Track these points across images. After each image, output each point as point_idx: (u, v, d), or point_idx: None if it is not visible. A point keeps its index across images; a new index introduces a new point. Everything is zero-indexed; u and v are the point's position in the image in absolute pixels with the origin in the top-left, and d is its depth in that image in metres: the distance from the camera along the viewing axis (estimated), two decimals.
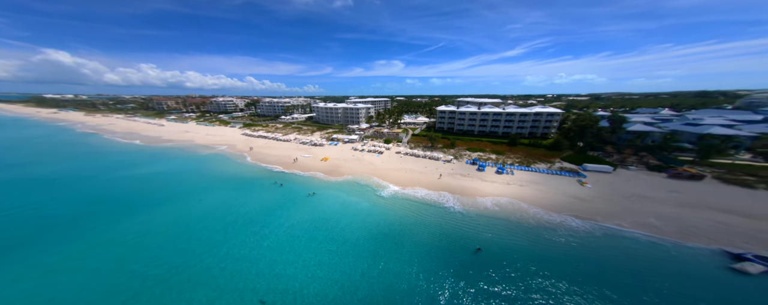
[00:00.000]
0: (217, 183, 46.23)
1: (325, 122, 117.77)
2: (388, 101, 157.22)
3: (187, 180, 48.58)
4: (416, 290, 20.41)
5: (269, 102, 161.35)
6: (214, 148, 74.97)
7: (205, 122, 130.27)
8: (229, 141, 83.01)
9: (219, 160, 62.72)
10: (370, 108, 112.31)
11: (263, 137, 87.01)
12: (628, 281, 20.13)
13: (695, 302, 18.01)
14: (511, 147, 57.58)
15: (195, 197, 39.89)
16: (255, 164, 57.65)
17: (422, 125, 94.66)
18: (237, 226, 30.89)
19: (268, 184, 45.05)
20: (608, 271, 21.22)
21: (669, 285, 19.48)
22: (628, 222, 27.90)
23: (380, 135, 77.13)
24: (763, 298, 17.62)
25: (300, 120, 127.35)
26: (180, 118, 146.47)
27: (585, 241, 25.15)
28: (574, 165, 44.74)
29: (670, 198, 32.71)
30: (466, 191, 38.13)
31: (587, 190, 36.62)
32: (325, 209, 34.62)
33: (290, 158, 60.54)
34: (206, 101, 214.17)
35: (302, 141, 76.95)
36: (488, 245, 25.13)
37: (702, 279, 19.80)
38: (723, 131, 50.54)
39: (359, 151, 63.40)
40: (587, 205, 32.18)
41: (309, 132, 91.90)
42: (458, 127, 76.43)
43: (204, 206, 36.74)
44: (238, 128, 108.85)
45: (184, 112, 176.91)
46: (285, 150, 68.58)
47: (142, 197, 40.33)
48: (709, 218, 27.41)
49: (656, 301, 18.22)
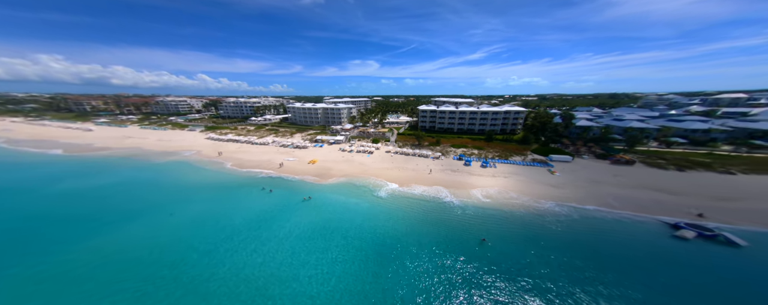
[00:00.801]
0: (192, 194, 39.53)
1: (303, 123, 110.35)
2: (367, 100, 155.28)
3: (151, 192, 40.49)
4: (434, 286, 20.43)
5: (235, 102, 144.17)
6: (177, 154, 63.92)
7: (152, 125, 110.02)
8: (192, 146, 71.65)
9: (186, 168, 53.64)
10: (352, 108, 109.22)
11: (234, 141, 77.30)
12: (607, 252, 23.59)
13: (657, 265, 22.01)
14: (489, 143, 62.31)
15: (166, 210, 33.34)
16: (235, 171, 51.02)
17: (405, 124, 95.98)
18: (229, 243, 26.75)
19: (256, 191, 40.26)
20: (591, 247, 24.48)
21: (635, 253, 23.44)
22: (596, 203, 32.73)
23: (367, 135, 75.62)
24: (700, 257, 22.43)
25: (274, 122, 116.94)
26: (115, 121, 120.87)
27: (568, 223, 28.58)
28: (543, 157, 50.59)
29: (616, 181, 39.48)
30: (459, 186, 39.85)
31: (557, 178, 41.76)
32: (324, 213, 32.44)
33: (274, 162, 55.16)
34: (148, 101, 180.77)
35: (282, 144, 70.74)
36: (491, 235, 26.52)
37: (657, 246, 24.33)
38: (639, 125, 63.14)
39: (348, 152, 61.10)
40: (561, 191, 36.68)
41: (288, 134, 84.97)
42: (439, 125, 79.54)
43: (179, 221, 31.02)
44: (200, 132, 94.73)
45: (118, 114, 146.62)
46: (265, 154, 62.19)
47: (93, 215, 32.10)
48: (647, 197, 33.90)
49: (630, 267, 21.74)
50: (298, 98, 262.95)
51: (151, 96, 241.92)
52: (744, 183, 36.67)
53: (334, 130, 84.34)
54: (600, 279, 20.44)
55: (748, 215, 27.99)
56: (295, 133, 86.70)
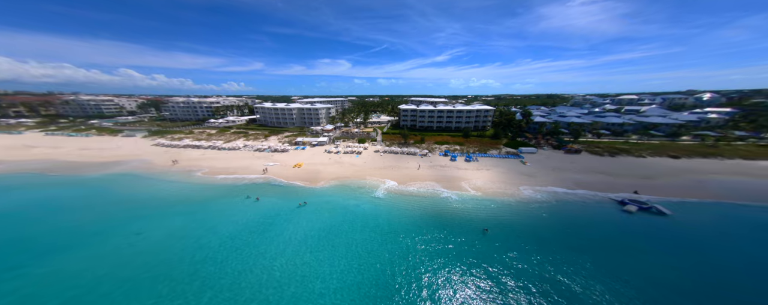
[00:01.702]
0: (157, 209, 32.54)
1: (275, 124, 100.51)
2: (344, 100, 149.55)
3: (95, 211, 31.79)
4: (448, 280, 20.86)
5: (186, 102, 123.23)
6: (120, 165, 51.80)
7: (63, 131, 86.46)
8: (137, 155, 58.88)
9: (137, 181, 43.71)
10: (331, 108, 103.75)
11: (195, 147, 66.13)
12: (581, 225, 27.61)
13: (617, 234, 26.69)
14: (466, 139, 66.58)
15: (129, 229, 26.55)
16: (208, 180, 43.79)
17: (387, 123, 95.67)
18: (218, 264, 22.57)
19: (239, 201, 35.14)
20: (571, 224, 28.27)
21: (601, 226, 27.96)
22: (563, 187, 37.93)
23: (351, 135, 72.87)
24: (643, 226, 27.78)
25: (240, 124, 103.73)
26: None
27: (549, 207, 32.41)
28: (514, 149, 56.38)
29: (573, 167, 46.51)
30: (451, 180, 41.56)
31: (529, 167, 47.03)
32: (325, 219, 30.26)
33: (252, 168, 48.94)
34: (50, 100, 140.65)
35: (257, 148, 63.25)
36: (490, 225, 28.13)
37: (613, 220, 29.45)
38: (577, 120, 75.58)
39: (335, 153, 57.96)
40: (535, 179, 41.41)
41: (261, 137, 76.36)
42: (420, 123, 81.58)
43: (150, 241, 24.99)
44: (143, 138, 78.32)
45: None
46: (239, 160, 54.68)
47: (20, 244, 23.63)
48: (597, 179, 40.80)
49: (600, 234, 25.97)
50: (261, 97, 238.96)
51: (49, 94, 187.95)
52: (653, 164, 47.18)
53: (314, 131, 78.98)
54: (587, 251, 23.70)
55: (664, 190, 36.11)
56: (269, 135, 78.36)
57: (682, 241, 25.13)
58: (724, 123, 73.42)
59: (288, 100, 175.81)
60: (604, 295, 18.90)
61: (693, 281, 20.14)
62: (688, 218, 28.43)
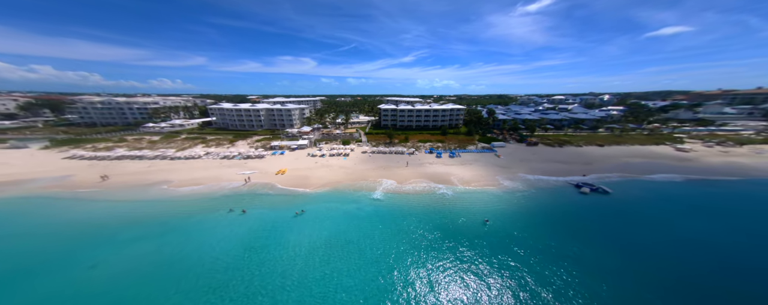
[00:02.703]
0: (107, 236, 25.19)
1: (237, 127, 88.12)
2: (316, 100, 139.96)
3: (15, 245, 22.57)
4: (460, 272, 21.84)
5: (106, 103, 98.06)
6: (21, 185, 38.14)
7: None
8: (46, 172, 44.60)
9: (58, 205, 32.93)
10: (305, 109, 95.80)
11: (134, 158, 53.25)
12: (556, 208, 32.24)
13: (574, 209, 32.06)
14: (445, 136, 70.30)
15: (72, 265, 19.78)
16: (170, 194, 36.01)
17: (367, 123, 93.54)
18: (217, 291, 18.69)
19: (222, 216, 30.00)
20: (548, 208, 32.67)
21: (568, 205, 33.22)
22: (534, 174, 43.43)
23: (333, 137, 68.84)
24: (594, 204, 33.90)
25: (191, 128, 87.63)
26: None
27: (529, 194, 36.71)
28: (488, 144, 62.01)
29: (536, 158, 53.80)
30: (441, 176, 43.32)
31: (503, 160, 52.42)
32: (329, 226, 28.18)
33: (225, 178, 42.17)
34: None
35: (224, 155, 54.46)
36: (488, 215, 30.35)
37: (575, 200, 35.24)
38: (530, 117, 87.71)
39: (320, 156, 54.06)
40: (510, 170, 46.37)
41: (226, 143, 66.00)
42: (400, 123, 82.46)
43: (109, 278, 19.11)
44: (42, 149, 59.51)
45: None
46: (203, 170, 46.25)
47: None
48: (555, 167, 48.10)
49: (572, 213, 30.78)
50: (211, 96, 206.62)
51: None
52: (588, 152, 58.12)
53: (290, 134, 71.95)
54: (567, 227, 27.67)
55: (601, 172, 44.74)
56: (234, 140, 68.18)
57: (622, 213, 31.58)
58: (620, 118, 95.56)
59: (243, 99, 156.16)
60: (590, 258, 22.36)
61: (632, 239, 25.58)
62: (623, 194, 35.94)
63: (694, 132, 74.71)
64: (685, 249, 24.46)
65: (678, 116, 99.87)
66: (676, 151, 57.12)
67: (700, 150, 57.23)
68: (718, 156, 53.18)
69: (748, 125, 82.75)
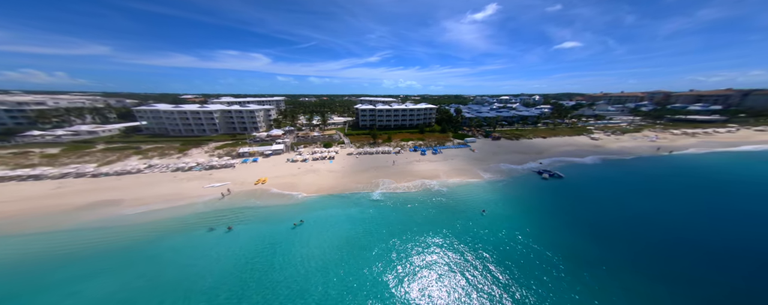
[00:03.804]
0: (53, 271, 17.19)
1: (182, 133, 72.69)
2: (280, 101, 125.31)
3: None
4: (469, 260, 23.63)
5: None
6: None
7: None
8: None
9: None
10: (271, 110, 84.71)
11: (20, 179, 38.28)
12: (530, 193, 37.63)
13: (543, 194, 38.08)
14: (423, 134, 73.26)
15: None
16: (127, 217, 26.92)
17: (343, 124, 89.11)
18: None
19: (201, 236, 24.85)
20: (525, 194, 37.80)
21: (539, 189, 39.15)
22: (506, 164, 49.45)
23: (311, 140, 63.17)
24: (555, 188, 40.80)
25: (109, 135, 67.81)
26: None
27: (507, 183, 41.62)
28: (461, 140, 67.49)
29: (502, 150, 61.39)
30: (431, 173, 45.13)
31: (477, 154, 57.96)
32: (338, 234, 26.45)
33: (186, 195, 34.31)
34: None
35: (177, 167, 44.13)
36: (483, 206, 33.17)
37: (538, 185, 41.71)
38: (488, 115, 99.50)
39: (302, 161, 49.11)
40: (486, 163, 51.66)
41: (174, 152, 53.48)
42: (378, 123, 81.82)
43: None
44: None
45: None
46: (153, 186, 36.77)
47: None
48: (517, 157, 55.92)
49: (536, 194, 36.30)
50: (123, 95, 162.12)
51: None
52: (537, 143, 69.67)
53: (258, 139, 62.77)
54: (543, 210, 32.54)
55: (551, 158, 54.22)
56: (185, 149, 55.74)
57: (575, 192, 39.09)
58: (550, 115, 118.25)
59: (177, 100, 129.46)
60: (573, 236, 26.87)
61: (588, 210, 32.10)
62: (570, 177, 44.43)
63: (596, 125, 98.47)
64: (622, 215, 31.95)
65: (584, 112, 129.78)
66: (590, 140, 74.09)
67: (604, 138, 75.79)
68: (614, 142, 71.46)
69: (623, 118, 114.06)
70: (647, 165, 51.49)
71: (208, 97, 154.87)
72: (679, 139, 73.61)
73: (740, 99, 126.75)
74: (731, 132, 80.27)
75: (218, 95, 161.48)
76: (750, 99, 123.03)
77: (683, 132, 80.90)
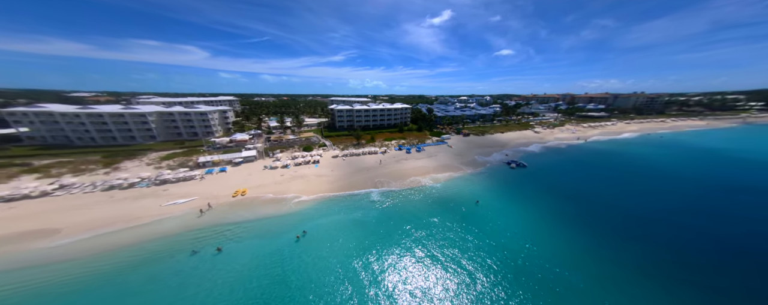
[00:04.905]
0: None
1: (96, 141, 56.00)
2: (234, 101, 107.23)
3: None
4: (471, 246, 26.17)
5: None
6: None
7: None
8: None
9: None
10: (227, 112, 71.88)
11: None
12: (506, 181, 43.18)
13: (516, 179, 44.40)
14: (403, 133, 75.03)
15: None
16: (57, 251, 17.95)
17: (316, 125, 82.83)
18: None
19: (183, 261, 20.12)
20: (501, 183, 43.01)
21: (511, 178, 45.25)
22: (481, 156, 55.25)
23: (288, 144, 56.71)
24: (523, 175, 47.85)
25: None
26: None
27: (486, 174, 46.55)
28: (439, 138, 71.98)
29: (474, 145, 68.32)
30: (420, 170, 46.89)
31: (455, 149, 62.94)
32: (347, 242, 25.25)
33: (147, 215, 26.81)
34: None
35: (110, 185, 33.80)
36: (475, 197, 36.37)
37: (511, 173, 48.19)
38: (455, 114, 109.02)
39: (283, 167, 44.04)
40: (464, 157, 56.63)
41: (99, 167, 40.54)
42: (357, 123, 79.61)
43: None
44: None
45: None
46: (81, 211, 27.34)
47: None
48: (487, 150, 63.16)
49: (511, 181, 42.21)
50: None
51: None
52: (499, 138, 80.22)
53: (219, 145, 52.91)
54: (521, 195, 37.75)
55: (511, 150, 63.33)
56: (113, 163, 42.87)
57: (537, 175, 46.79)
58: (501, 112, 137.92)
59: (62, 98, 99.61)
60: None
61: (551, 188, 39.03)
62: (531, 165, 52.85)
63: (534, 121, 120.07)
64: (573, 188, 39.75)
65: (524, 111, 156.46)
66: (535, 133, 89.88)
67: (543, 132, 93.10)
68: (550, 135, 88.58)
69: (550, 115, 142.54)
70: (575, 150, 65.83)
71: (120, 96, 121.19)
72: (588, 130, 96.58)
73: (613, 100, 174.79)
74: (614, 125, 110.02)
75: (133, 93, 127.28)
76: (618, 101, 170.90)
77: (589, 125, 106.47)
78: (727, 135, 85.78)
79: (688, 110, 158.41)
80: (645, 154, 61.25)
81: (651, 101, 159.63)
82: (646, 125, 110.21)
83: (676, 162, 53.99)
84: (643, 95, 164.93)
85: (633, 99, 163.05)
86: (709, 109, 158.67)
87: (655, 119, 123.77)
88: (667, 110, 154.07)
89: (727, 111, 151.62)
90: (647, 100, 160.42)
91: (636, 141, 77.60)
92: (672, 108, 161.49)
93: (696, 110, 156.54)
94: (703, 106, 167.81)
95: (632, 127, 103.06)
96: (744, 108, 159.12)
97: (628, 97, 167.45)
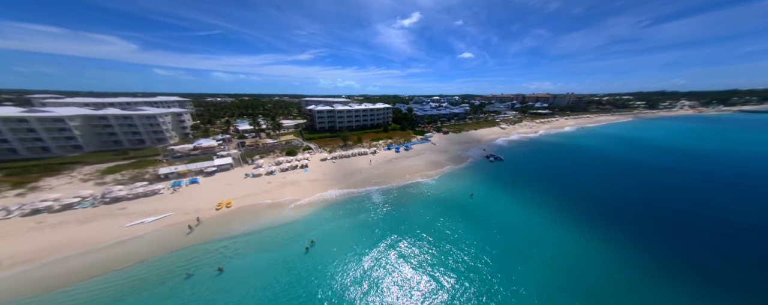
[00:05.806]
0: None
1: (16, 154, 41.75)
2: (185, 101, 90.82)
3: None
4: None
5: None
6: None
7: None
8: None
9: None
10: (183, 114, 60.62)
11: None
12: (490, 173, 47.36)
13: (495, 171, 49.14)
14: (388, 133, 75.36)
15: None
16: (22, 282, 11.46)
17: (292, 127, 76.54)
18: None
19: (178, 286, 17.22)
20: (484, 175, 46.95)
21: (493, 170, 49.78)
22: (463, 152, 59.33)
23: (267, 148, 51.06)
24: (498, 167, 53.05)
25: None
26: None
27: (472, 168, 50.12)
28: (422, 136, 74.55)
29: (455, 141, 72.89)
30: (412, 168, 47.96)
31: (439, 146, 66.13)
32: (362, 247, 24.58)
33: (108, 237, 20.98)
34: None
35: (33, 209, 25.55)
36: (469, 190, 38.73)
37: (490, 165, 53.13)
38: (432, 113, 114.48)
39: (268, 174, 39.84)
40: (448, 153, 60.00)
41: (4, 188, 29.56)
42: (339, 124, 76.71)
43: None
44: None
45: None
46: (22, 237, 19.24)
47: None
48: (468, 146, 68.22)
49: (494, 174, 46.59)
50: None
51: None
52: (475, 134, 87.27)
53: (179, 153, 44.64)
54: (505, 184, 41.81)
55: (489, 145, 69.81)
56: (26, 181, 32.77)
57: (513, 166, 52.62)
58: (470, 111, 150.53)
59: None
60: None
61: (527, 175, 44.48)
62: (508, 159, 59.05)
63: (498, 118, 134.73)
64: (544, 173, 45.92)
65: (489, 109, 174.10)
66: (501, 129, 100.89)
67: (508, 128, 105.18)
68: (514, 130, 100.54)
69: (510, 113, 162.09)
70: (535, 143, 76.33)
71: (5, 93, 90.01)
72: (540, 126, 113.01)
73: (553, 100, 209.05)
74: (557, 120, 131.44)
75: (21, 91, 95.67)
76: (557, 100, 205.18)
77: (540, 121, 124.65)
78: (630, 126, 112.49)
79: (602, 107, 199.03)
80: (584, 143, 75.02)
81: (579, 100, 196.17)
82: (579, 120, 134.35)
83: (605, 148, 68.46)
84: (573, 96, 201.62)
85: (567, 99, 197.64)
86: (615, 107, 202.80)
87: (582, 115, 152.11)
88: (589, 108, 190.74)
89: (625, 108, 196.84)
90: (576, 99, 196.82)
91: (576, 134, 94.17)
92: (592, 106, 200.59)
93: (606, 107, 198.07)
94: (610, 104, 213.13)
95: (570, 122, 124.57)
96: (634, 106, 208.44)
97: (563, 97, 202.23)
